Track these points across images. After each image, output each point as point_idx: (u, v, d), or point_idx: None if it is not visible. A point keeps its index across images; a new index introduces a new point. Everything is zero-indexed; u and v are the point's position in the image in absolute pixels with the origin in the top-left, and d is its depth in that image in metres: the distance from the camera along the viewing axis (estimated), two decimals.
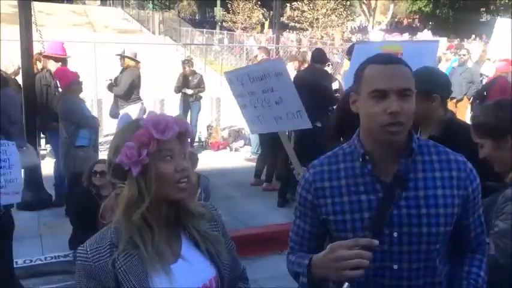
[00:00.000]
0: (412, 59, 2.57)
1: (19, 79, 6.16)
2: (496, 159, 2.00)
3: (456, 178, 1.51)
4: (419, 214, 1.47)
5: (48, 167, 6.20)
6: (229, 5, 33.09)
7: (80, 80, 5.34)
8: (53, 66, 5.84)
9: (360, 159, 1.52)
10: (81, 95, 5.67)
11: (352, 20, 37.71)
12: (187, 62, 9.32)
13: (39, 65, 6.36)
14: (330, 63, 8.31)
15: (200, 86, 9.07)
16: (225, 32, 28.86)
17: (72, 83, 5.26)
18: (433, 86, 2.46)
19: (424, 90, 2.31)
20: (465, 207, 1.53)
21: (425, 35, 18.14)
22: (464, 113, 9.25)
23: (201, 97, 9.17)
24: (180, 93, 9.06)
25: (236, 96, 3.22)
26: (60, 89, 5.63)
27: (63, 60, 5.92)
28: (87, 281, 1.32)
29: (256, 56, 8.26)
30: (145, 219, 1.33)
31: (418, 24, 42.60)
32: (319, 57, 6.39)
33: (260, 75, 3.05)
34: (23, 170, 5.67)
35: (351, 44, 10.43)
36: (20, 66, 7.68)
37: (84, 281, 1.33)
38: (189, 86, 8.97)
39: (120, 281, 1.29)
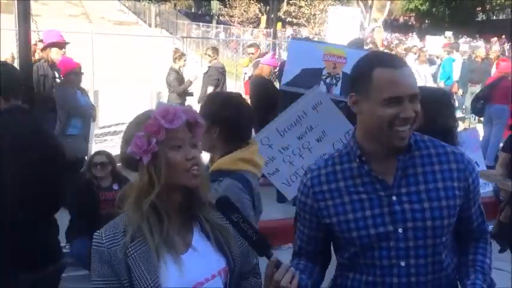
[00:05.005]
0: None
1: None
2: None
3: (456, 170, 1.52)
4: (423, 208, 1.47)
5: None
6: None
7: (79, 70, 5.27)
8: (56, 54, 5.65)
9: (357, 160, 1.51)
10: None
11: None
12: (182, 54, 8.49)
13: (36, 56, 6.29)
14: None
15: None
16: (222, 26, 28.76)
17: (68, 73, 5.22)
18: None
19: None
20: (466, 198, 1.54)
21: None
22: None
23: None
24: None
25: (268, 160, 2.90)
26: (57, 80, 5.57)
27: (65, 47, 5.77)
28: (101, 266, 1.33)
29: (249, 55, 8.48)
30: (156, 207, 1.34)
31: (414, 22, 42.72)
32: None
33: (293, 121, 2.84)
34: None
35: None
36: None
37: (99, 266, 1.34)
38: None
39: (130, 268, 1.30)
